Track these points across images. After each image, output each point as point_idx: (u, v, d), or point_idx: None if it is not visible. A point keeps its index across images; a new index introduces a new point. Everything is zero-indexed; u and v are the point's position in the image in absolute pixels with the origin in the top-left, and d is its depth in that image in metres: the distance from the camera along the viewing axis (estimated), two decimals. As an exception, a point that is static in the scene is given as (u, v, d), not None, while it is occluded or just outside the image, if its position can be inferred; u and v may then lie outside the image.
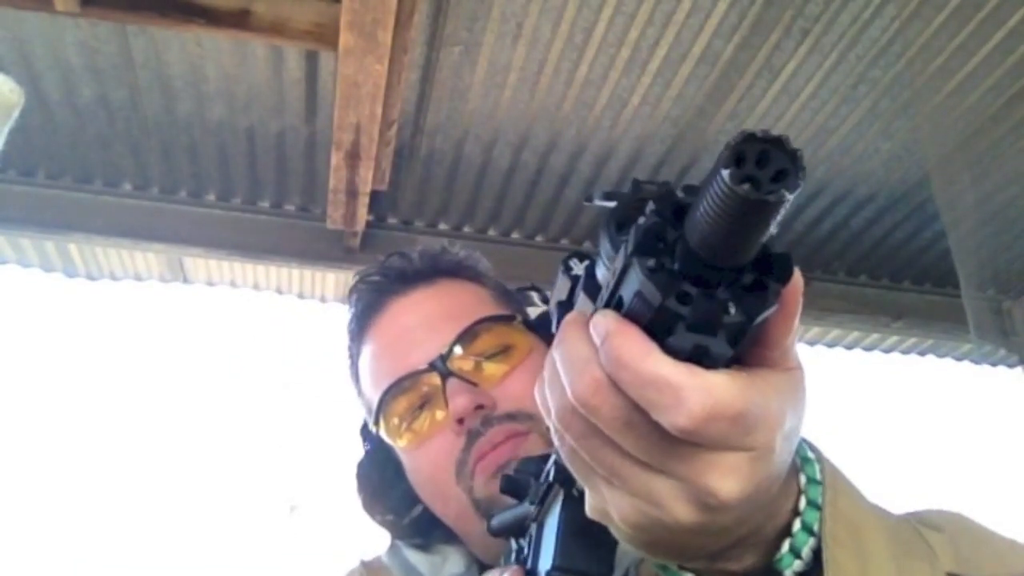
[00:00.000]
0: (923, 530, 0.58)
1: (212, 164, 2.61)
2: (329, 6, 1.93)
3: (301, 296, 3.16)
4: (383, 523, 0.95)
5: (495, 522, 0.74)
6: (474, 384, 0.86)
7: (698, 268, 0.41)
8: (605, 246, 0.48)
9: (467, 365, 0.88)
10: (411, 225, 2.85)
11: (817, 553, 0.51)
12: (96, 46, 2.21)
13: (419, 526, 0.93)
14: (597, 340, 0.44)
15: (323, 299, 3.17)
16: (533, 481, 0.66)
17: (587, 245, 3.00)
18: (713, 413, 0.42)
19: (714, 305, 0.41)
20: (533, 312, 0.99)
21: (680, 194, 0.43)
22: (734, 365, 0.44)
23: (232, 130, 2.48)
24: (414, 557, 0.93)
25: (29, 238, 2.75)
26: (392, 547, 0.96)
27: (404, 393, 0.89)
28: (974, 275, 2.61)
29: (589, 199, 0.50)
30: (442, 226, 2.86)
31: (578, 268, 0.53)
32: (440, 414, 0.87)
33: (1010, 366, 3.30)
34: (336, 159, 2.25)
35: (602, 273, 0.50)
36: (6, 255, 2.88)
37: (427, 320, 0.92)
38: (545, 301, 1.00)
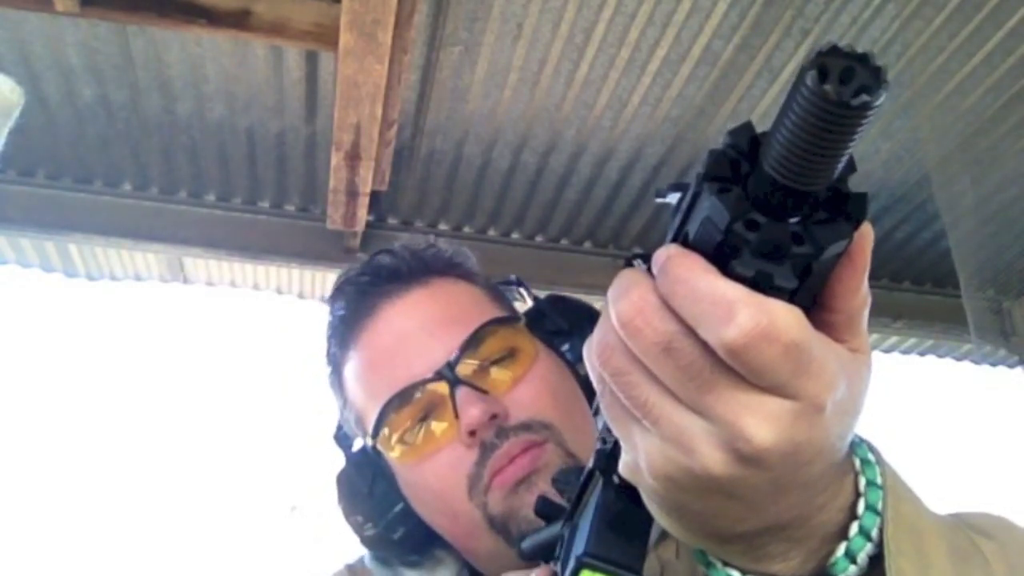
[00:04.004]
0: (975, 537, 0.56)
1: (212, 164, 2.61)
2: (329, 6, 1.93)
3: (301, 296, 3.16)
4: (370, 538, 0.89)
5: (526, 544, 0.69)
6: (484, 392, 0.81)
7: (770, 199, 0.39)
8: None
9: (475, 372, 0.82)
10: (411, 225, 2.85)
11: (872, 559, 0.48)
12: (96, 46, 2.21)
13: (412, 542, 0.87)
14: (655, 269, 0.43)
15: (323, 299, 3.16)
16: (569, 490, 0.63)
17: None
18: (766, 333, 0.39)
19: (783, 232, 0.40)
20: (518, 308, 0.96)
21: (754, 130, 0.41)
22: None
23: (232, 130, 2.48)
24: (402, 564, 0.89)
25: (29, 238, 2.75)
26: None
27: (408, 404, 0.82)
28: (974, 275, 2.61)
29: (661, 194, 0.48)
30: (442, 226, 2.86)
31: (642, 268, 0.53)
32: (448, 425, 0.81)
33: (1010, 366, 3.30)
34: (336, 159, 2.25)
35: None
36: (6, 255, 2.88)
37: (427, 325, 0.85)
38: (536, 298, 0.97)
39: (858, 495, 0.49)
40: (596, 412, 0.57)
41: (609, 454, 0.54)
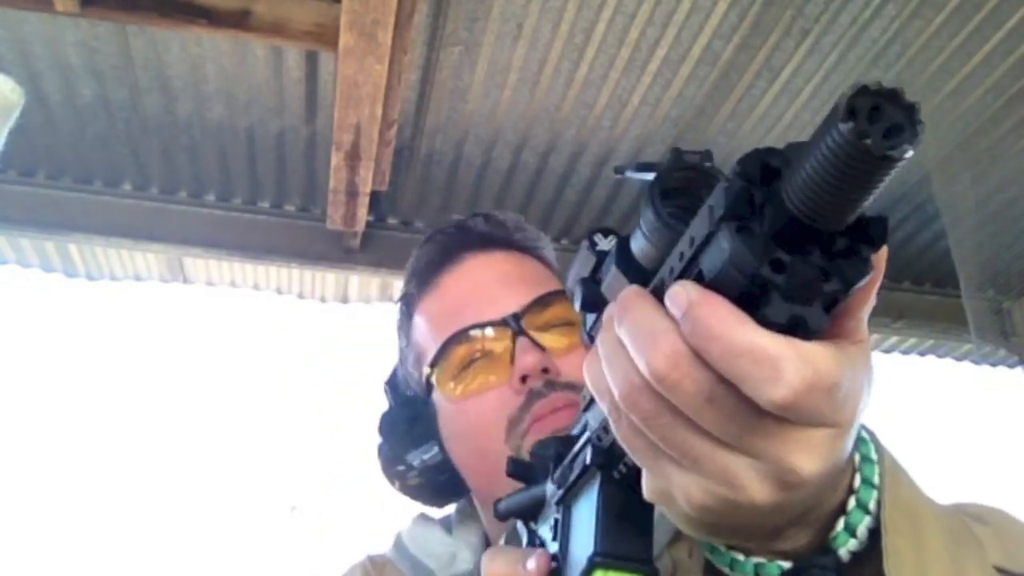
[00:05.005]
0: (971, 522, 0.57)
1: (212, 164, 2.61)
2: (329, 6, 1.93)
3: (301, 296, 3.16)
4: (401, 482, 0.94)
5: (502, 505, 0.71)
6: (542, 348, 0.86)
7: (791, 233, 0.38)
8: (648, 217, 0.46)
9: (538, 329, 0.88)
10: (411, 225, 2.85)
11: (872, 533, 0.49)
12: (96, 46, 2.21)
13: (438, 488, 0.93)
14: (676, 311, 0.41)
15: (323, 299, 3.17)
16: (551, 465, 0.64)
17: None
18: (812, 384, 0.39)
19: (813, 272, 0.39)
20: None
21: (764, 155, 0.40)
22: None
23: (232, 130, 2.48)
24: (421, 553, 0.91)
25: (29, 238, 2.75)
26: (397, 543, 0.95)
27: (470, 342, 0.89)
28: (974, 275, 2.61)
29: (620, 171, 0.48)
30: (442, 226, 2.86)
31: (604, 244, 0.51)
32: (502, 369, 0.87)
33: (1010, 366, 3.30)
34: (336, 159, 2.25)
35: (640, 246, 0.48)
36: (6, 255, 2.88)
37: (504, 279, 0.93)
38: None
39: (855, 471, 0.50)
40: (587, 408, 0.57)
41: (607, 451, 0.54)
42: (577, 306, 0.53)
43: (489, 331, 0.88)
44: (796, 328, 0.39)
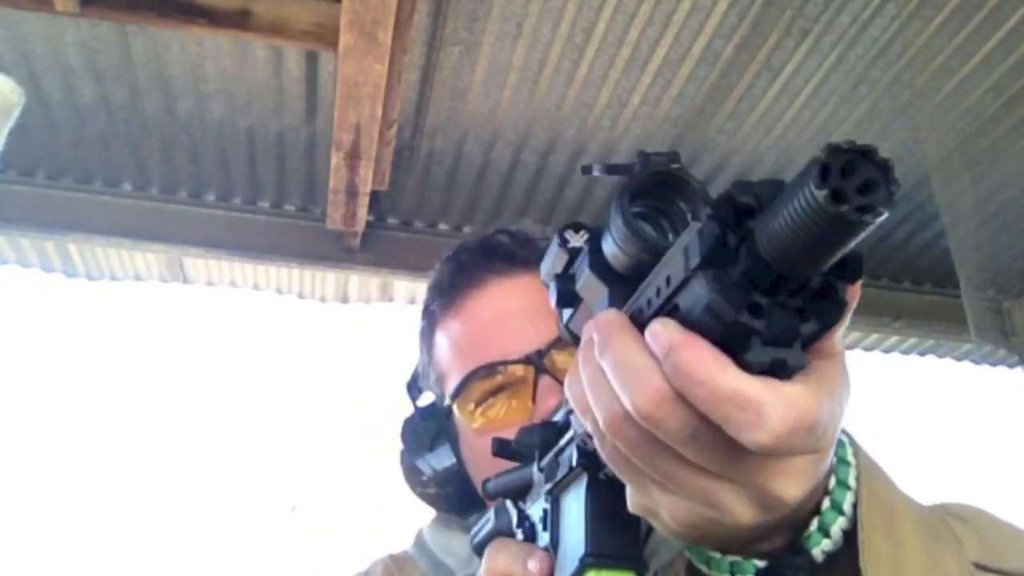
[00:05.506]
0: (949, 520, 0.58)
1: (212, 164, 2.61)
2: (329, 6, 1.93)
3: (301, 296, 3.16)
4: (421, 490, 0.94)
5: (491, 486, 0.72)
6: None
7: (768, 276, 0.39)
8: (617, 221, 0.46)
9: (560, 366, 0.86)
10: (411, 225, 2.85)
11: (847, 535, 0.50)
12: (96, 46, 2.21)
13: (456, 500, 0.93)
14: (658, 351, 0.42)
15: (323, 299, 3.18)
16: (536, 452, 0.66)
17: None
18: (795, 427, 0.41)
19: (791, 317, 0.39)
20: None
21: (736, 195, 0.40)
22: None
23: (232, 130, 2.48)
24: (441, 552, 0.92)
25: (29, 238, 2.75)
26: (418, 541, 0.96)
27: (492, 377, 0.87)
28: (974, 275, 2.61)
29: (587, 170, 0.49)
30: (442, 226, 2.86)
31: (576, 240, 0.52)
32: (523, 406, 0.86)
33: (1010, 366, 3.30)
34: (336, 159, 2.25)
35: (611, 250, 0.49)
36: (6, 255, 2.88)
37: (528, 310, 0.89)
38: None
39: (831, 474, 0.51)
40: (569, 412, 0.57)
41: (593, 454, 0.55)
42: (552, 302, 0.54)
43: (511, 368, 0.87)
44: (777, 370, 0.40)
